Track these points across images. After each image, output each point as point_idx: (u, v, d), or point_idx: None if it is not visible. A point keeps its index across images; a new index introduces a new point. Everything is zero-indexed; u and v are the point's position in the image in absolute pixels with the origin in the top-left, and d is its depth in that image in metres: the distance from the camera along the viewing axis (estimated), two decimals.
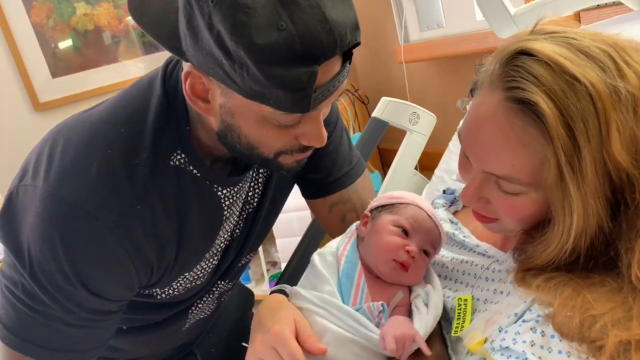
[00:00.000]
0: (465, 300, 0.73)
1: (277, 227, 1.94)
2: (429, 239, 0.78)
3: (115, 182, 0.68)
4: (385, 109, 1.23)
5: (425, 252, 0.78)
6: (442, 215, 0.92)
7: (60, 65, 2.23)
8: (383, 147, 2.34)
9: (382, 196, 0.84)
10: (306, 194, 0.96)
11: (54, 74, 2.22)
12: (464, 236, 0.85)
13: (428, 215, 0.79)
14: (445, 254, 0.84)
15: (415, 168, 1.29)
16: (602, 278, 0.60)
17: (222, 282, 0.94)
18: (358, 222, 0.86)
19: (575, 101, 0.56)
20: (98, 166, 0.67)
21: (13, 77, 2.17)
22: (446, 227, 0.88)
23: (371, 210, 0.83)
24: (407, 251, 0.74)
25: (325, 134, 0.70)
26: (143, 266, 0.73)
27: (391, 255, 0.75)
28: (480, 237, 0.83)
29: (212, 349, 1.14)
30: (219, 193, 0.79)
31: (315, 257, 0.80)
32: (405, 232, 0.77)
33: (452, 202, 0.97)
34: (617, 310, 0.56)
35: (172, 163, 0.73)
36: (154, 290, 0.81)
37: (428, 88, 2.05)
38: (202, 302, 0.93)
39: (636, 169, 0.58)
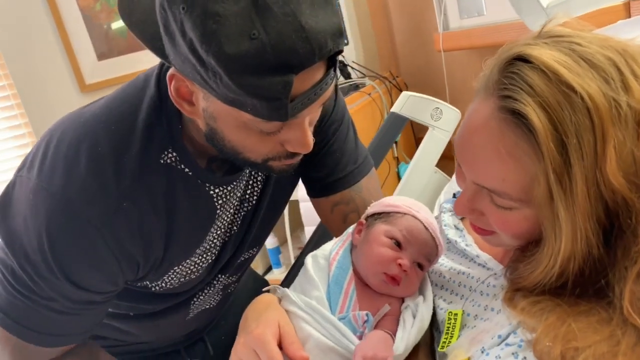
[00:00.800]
0: (456, 314, 0.70)
1: (306, 215, 1.94)
2: (424, 251, 0.75)
3: (103, 179, 0.69)
4: (405, 104, 1.19)
5: (419, 265, 0.75)
6: (447, 221, 0.89)
7: (106, 48, 2.30)
8: (421, 136, 2.29)
9: (379, 202, 0.81)
10: (309, 192, 0.95)
11: (100, 57, 2.30)
12: (466, 245, 0.81)
13: (425, 226, 0.75)
14: (443, 262, 0.81)
15: (437, 165, 1.25)
16: (591, 306, 0.56)
17: (223, 276, 0.94)
18: (354, 225, 0.84)
19: (570, 114, 0.52)
20: (87, 163, 0.69)
21: (61, 60, 2.26)
22: (450, 233, 0.85)
23: (367, 218, 0.81)
24: (399, 264, 0.72)
25: (311, 140, 0.68)
26: (128, 263, 0.74)
27: (382, 269, 0.73)
28: (483, 247, 0.80)
29: (222, 336, 1.16)
30: (211, 192, 0.79)
31: (309, 259, 0.79)
32: (399, 244, 0.74)
33: None
34: (603, 344, 0.52)
35: (162, 161, 0.74)
36: (145, 282, 0.83)
37: (468, 78, 1.96)
38: (203, 294, 0.95)
39: (633, 193, 0.53)
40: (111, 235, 0.70)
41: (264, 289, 0.80)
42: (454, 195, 0.98)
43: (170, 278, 0.83)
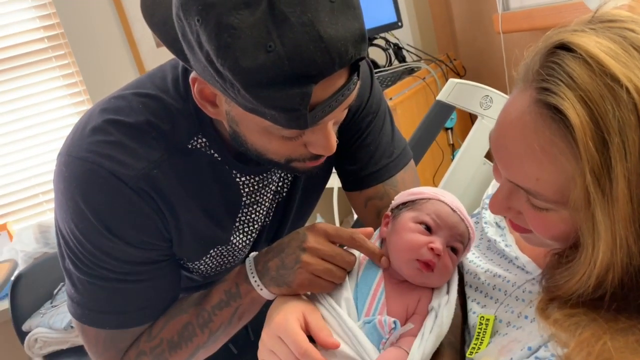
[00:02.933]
0: (488, 320, 0.67)
1: None
2: (456, 234, 0.72)
3: (133, 149, 0.71)
4: (451, 91, 1.13)
5: (453, 250, 0.72)
6: (488, 218, 0.84)
7: None
8: None
9: (403, 193, 0.79)
10: (343, 185, 0.93)
11: (159, 44, 2.36)
12: (506, 245, 0.77)
13: (452, 209, 0.73)
14: (480, 263, 0.78)
15: (486, 156, 1.18)
16: (632, 324, 0.51)
17: None
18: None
19: (614, 109, 0.47)
20: (117, 134, 0.71)
21: (123, 47, 2.35)
22: (490, 231, 0.81)
23: (392, 210, 0.79)
24: (431, 249, 0.69)
25: (334, 143, 0.67)
26: (163, 219, 0.75)
27: (414, 255, 0.70)
28: (524, 247, 0.75)
29: (263, 323, 1.17)
30: (237, 179, 0.80)
31: None
32: (429, 229, 0.72)
33: None
34: None
35: (190, 146, 0.75)
36: (186, 264, 0.84)
37: None
38: None
39: None
40: (144, 192, 0.71)
41: None
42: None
43: (207, 263, 0.85)
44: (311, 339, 0.67)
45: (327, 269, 0.70)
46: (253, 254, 0.79)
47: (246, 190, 0.81)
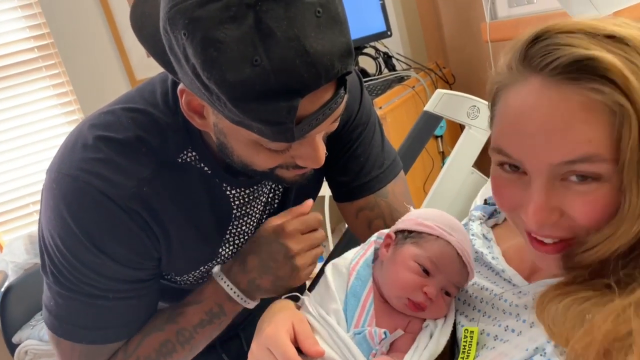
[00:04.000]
0: (472, 332, 0.67)
1: None
2: (453, 279, 0.71)
3: (123, 166, 0.71)
4: (439, 102, 1.15)
5: (447, 292, 0.72)
6: (475, 230, 0.85)
7: None
8: None
9: (411, 218, 0.77)
10: (334, 196, 0.94)
11: (149, 54, 2.37)
12: (493, 257, 0.78)
13: (457, 252, 0.71)
14: None
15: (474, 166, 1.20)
16: None
17: None
18: (378, 232, 0.82)
19: (626, 55, 0.50)
20: (107, 151, 0.71)
21: (113, 56, 2.35)
22: (477, 244, 0.82)
23: (396, 232, 0.77)
24: (425, 293, 0.69)
25: (322, 156, 0.67)
26: (150, 238, 0.75)
27: (406, 294, 0.70)
28: (510, 261, 0.76)
29: None
30: (227, 192, 0.80)
31: (329, 268, 0.78)
32: (426, 272, 0.71)
33: (492, 214, 0.88)
34: None
35: (179, 160, 0.75)
36: (173, 277, 0.84)
37: None
38: None
39: None
40: (133, 211, 0.71)
41: (284, 295, 0.80)
42: (486, 202, 0.94)
43: (194, 276, 0.85)
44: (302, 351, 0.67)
45: (317, 253, 0.79)
46: (217, 270, 0.80)
47: (237, 203, 0.82)
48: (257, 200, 0.85)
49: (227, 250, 0.85)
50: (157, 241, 0.76)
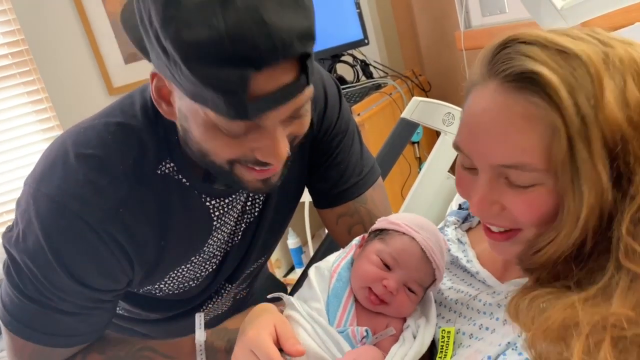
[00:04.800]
0: (449, 332, 0.69)
1: None
2: (414, 276, 0.72)
3: (100, 186, 0.71)
4: (415, 109, 1.17)
5: (411, 289, 0.73)
6: (450, 235, 0.87)
7: (132, 52, 2.35)
8: None
9: (385, 218, 0.80)
10: (314, 204, 0.95)
11: (127, 60, 2.35)
12: (467, 260, 0.80)
13: (422, 249, 0.73)
14: (444, 280, 0.81)
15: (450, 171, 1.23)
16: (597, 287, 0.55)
17: (231, 286, 0.96)
18: (358, 237, 0.84)
19: (571, 70, 0.55)
20: (85, 170, 0.71)
21: (90, 63, 2.32)
22: (453, 248, 0.84)
23: (370, 233, 0.80)
24: (384, 285, 0.71)
25: (284, 151, 0.65)
26: (126, 261, 0.76)
27: (366, 284, 0.73)
28: (484, 263, 0.79)
29: None
30: (207, 203, 0.81)
31: (312, 271, 0.80)
32: (388, 266, 0.73)
33: (466, 218, 0.91)
34: (598, 298, 0.53)
35: (159, 172, 0.75)
36: (147, 288, 0.85)
37: None
38: (212, 302, 0.96)
39: (629, 131, 0.55)
40: (108, 235, 0.72)
41: (268, 296, 0.81)
42: (460, 207, 0.97)
43: (168, 284, 0.85)
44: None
45: None
46: (200, 339, 0.79)
47: (216, 214, 0.82)
48: (234, 209, 0.86)
49: (199, 258, 0.86)
50: (131, 264, 0.77)
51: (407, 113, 1.18)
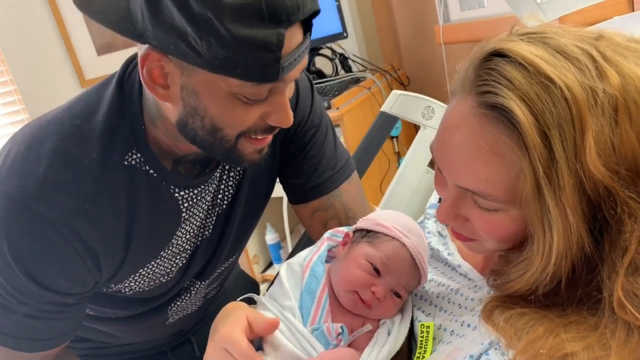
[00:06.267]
0: (428, 327, 0.68)
1: None
2: (403, 282, 0.71)
3: (64, 182, 0.68)
4: (395, 103, 1.16)
5: (397, 294, 0.72)
6: (431, 228, 0.86)
7: (105, 43, 2.29)
8: None
9: (371, 218, 0.77)
10: (289, 199, 0.93)
11: (100, 52, 2.29)
12: (449, 253, 0.79)
13: (411, 254, 0.72)
14: None
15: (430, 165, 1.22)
16: (581, 317, 0.53)
17: (202, 283, 0.93)
18: (331, 231, 0.82)
19: (550, 106, 0.51)
20: (47, 166, 0.68)
21: (62, 55, 2.26)
22: (433, 241, 0.83)
23: (354, 231, 0.78)
24: (373, 292, 0.70)
25: (291, 113, 0.69)
26: (93, 261, 0.73)
27: (354, 289, 0.71)
28: (466, 256, 0.78)
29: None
30: (176, 194, 0.78)
31: (283, 268, 0.78)
32: (377, 271, 0.71)
33: None
34: (595, 347, 0.50)
35: (125, 163, 0.73)
36: (117, 286, 0.82)
37: None
38: (181, 300, 0.94)
39: (615, 182, 0.51)
40: (72, 234, 0.69)
41: (239, 299, 0.79)
42: (440, 200, 0.96)
43: (138, 281, 0.82)
44: (259, 348, 0.67)
45: None
46: None
47: (185, 205, 0.80)
48: (203, 200, 0.83)
49: (168, 252, 0.83)
50: (98, 262, 0.74)
51: (387, 107, 1.16)
